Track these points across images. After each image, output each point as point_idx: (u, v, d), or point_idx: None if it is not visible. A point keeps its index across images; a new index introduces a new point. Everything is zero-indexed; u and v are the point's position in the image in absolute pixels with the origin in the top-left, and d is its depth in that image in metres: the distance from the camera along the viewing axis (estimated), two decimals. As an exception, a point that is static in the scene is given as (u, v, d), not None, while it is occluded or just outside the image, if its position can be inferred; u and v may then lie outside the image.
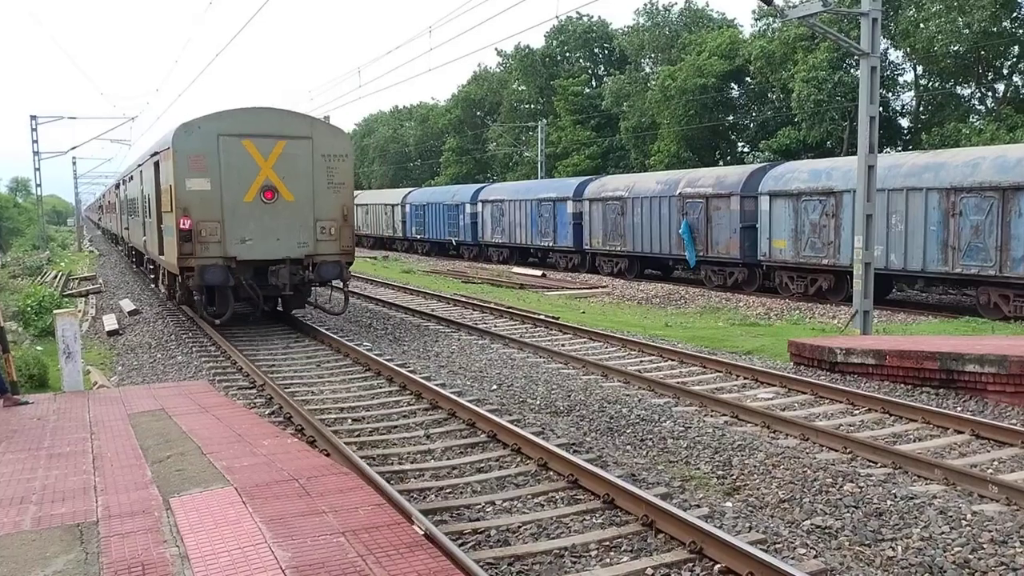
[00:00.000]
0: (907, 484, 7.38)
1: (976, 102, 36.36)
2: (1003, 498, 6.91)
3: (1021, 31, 32.09)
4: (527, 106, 57.58)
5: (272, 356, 14.17)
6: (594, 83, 52.77)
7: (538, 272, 31.69)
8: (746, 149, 43.62)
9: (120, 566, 4.09)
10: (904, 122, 39.40)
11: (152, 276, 22.32)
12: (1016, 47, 32.94)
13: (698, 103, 39.27)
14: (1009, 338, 13.22)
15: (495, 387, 11.55)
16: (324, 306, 17.43)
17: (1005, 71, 34.94)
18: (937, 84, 36.74)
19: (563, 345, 14.79)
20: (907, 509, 6.77)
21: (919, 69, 37.37)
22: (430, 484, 7.36)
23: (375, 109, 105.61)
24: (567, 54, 54.66)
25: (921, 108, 38.13)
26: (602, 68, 54.54)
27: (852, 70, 32.65)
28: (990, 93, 35.92)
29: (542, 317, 17.82)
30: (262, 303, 15.74)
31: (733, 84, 41.61)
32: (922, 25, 32.53)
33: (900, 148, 36.86)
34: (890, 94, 36.97)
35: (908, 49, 35.10)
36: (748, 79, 40.61)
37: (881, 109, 25.53)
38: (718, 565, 5.55)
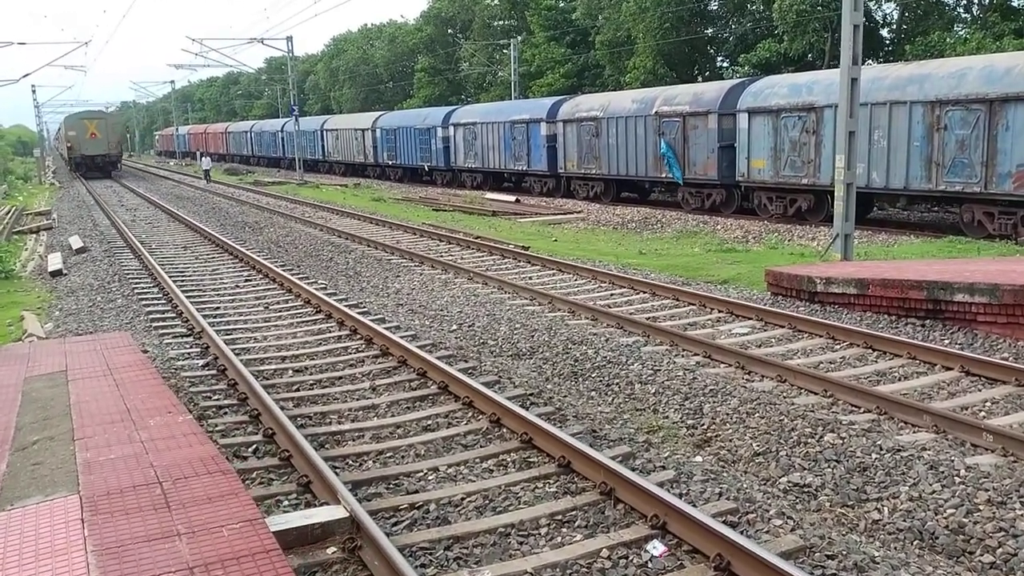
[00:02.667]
0: (893, 433, 6.74)
1: (961, 10, 35.05)
2: (999, 448, 6.28)
3: (1009, -68, 30.66)
4: (500, 23, 55.42)
5: (219, 297, 13.32)
6: (568, -4, 50.67)
7: (511, 198, 30.69)
8: (725, 64, 42.17)
9: None
10: (886, 33, 38.05)
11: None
12: (1003, -51, 31.52)
13: (675, 15, 37.66)
14: (998, 261, 12.56)
15: (455, 327, 10.79)
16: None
17: (991, -24, 33.56)
18: (921, -9, 35.32)
19: (530, 279, 14.01)
20: (894, 463, 6.12)
21: (903, -24, 35.89)
22: (369, 447, 6.64)
23: (344, 29, 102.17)
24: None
25: (904, 18, 36.77)
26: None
27: (835, -22, 31.23)
28: (975, 0, 34.60)
29: (511, 248, 16.99)
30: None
31: (712, -6, 40.01)
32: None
33: (881, 60, 35.66)
34: (871, 2, 35.55)
35: (892, -46, 33.59)
36: (727, -11, 38.99)
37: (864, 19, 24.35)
38: (684, 545, 4.88)
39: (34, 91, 77.87)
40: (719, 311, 10.94)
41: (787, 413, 7.13)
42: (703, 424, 7.14)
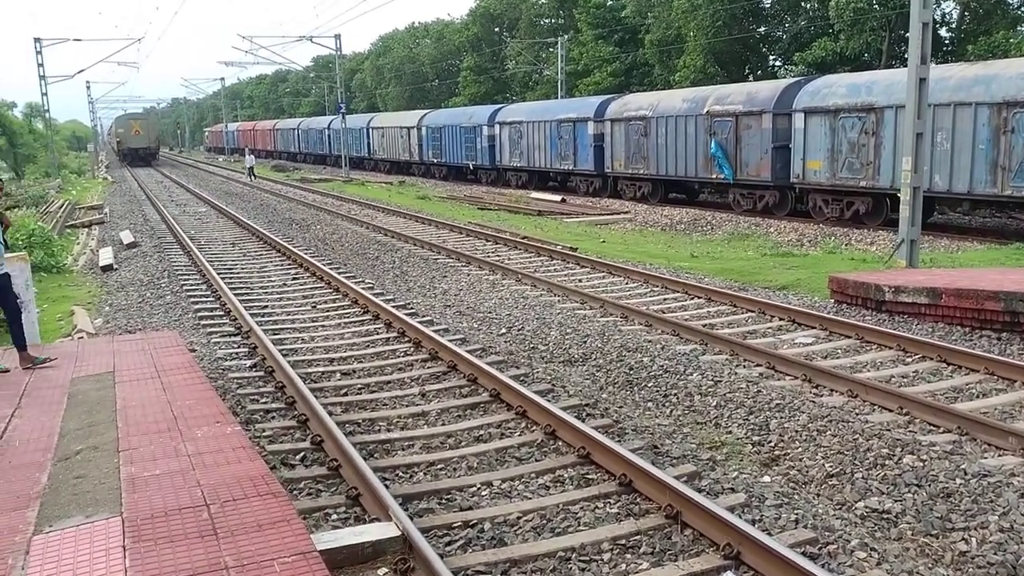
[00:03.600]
0: (977, 456, 6.28)
1: (1026, 9, 33.82)
2: (1097, 476, 5.79)
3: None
4: (547, 21, 55.02)
5: (267, 296, 13.21)
6: (617, -6, 50.10)
7: (557, 197, 30.33)
8: (778, 63, 41.27)
9: None
10: (945, 32, 36.88)
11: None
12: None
13: (727, 13, 36.93)
14: (1075, 270, 11.90)
15: (504, 331, 10.51)
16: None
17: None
18: (984, -11, 34.14)
19: (580, 281, 13.67)
20: (980, 490, 5.69)
21: (964, -26, 34.74)
22: (419, 458, 6.38)
23: (391, 28, 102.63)
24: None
25: (965, 17, 35.61)
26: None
27: (895, -25, 30.33)
28: (1042, -2, 33.37)
29: (559, 248, 16.66)
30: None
31: (765, -8, 39.19)
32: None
33: (941, 60, 34.56)
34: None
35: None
36: (781, -14, 38.16)
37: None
38: (759, 577, 4.53)
39: (88, 87, 79.65)
40: (780, 319, 10.50)
41: (861, 432, 6.71)
42: (770, 441, 6.76)
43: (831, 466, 6.29)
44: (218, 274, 14.43)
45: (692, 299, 11.98)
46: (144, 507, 4.16)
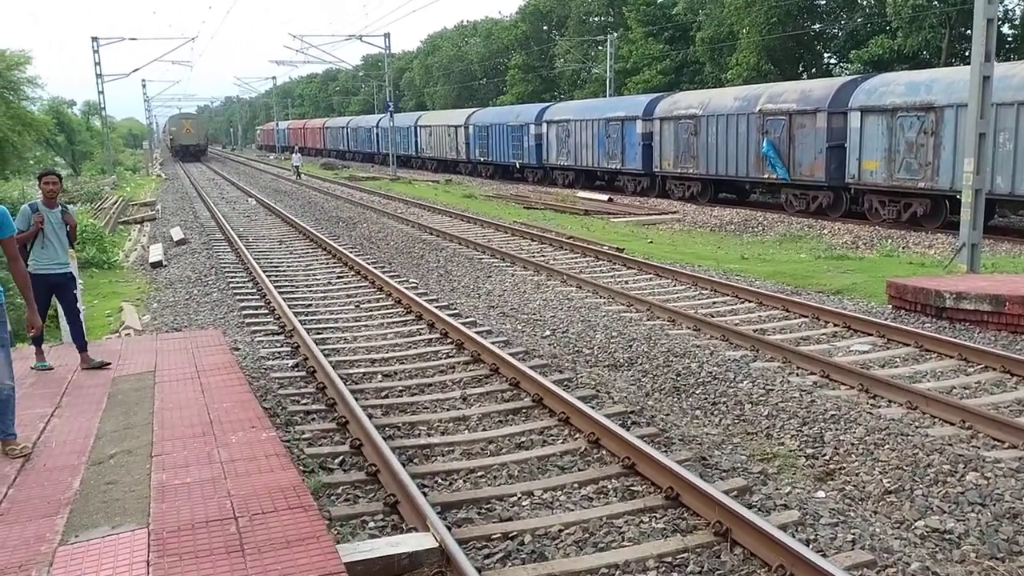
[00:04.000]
0: (1048, 475, 5.92)
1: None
2: None
3: None
4: (597, 19, 54.63)
5: (311, 294, 13.21)
6: (668, -9, 49.47)
7: (604, 197, 30.03)
8: (833, 61, 40.37)
9: None
10: (1007, 29, 35.67)
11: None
12: None
13: (782, 10, 36.20)
14: None
15: (548, 334, 10.32)
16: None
17: None
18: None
19: (626, 283, 13.42)
20: (1051, 512, 5.35)
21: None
22: (459, 465, 6.23)
23: (440, 27, 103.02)
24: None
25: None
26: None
27: (956, -31, 29.41)
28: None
29: (605, 249, 16.42)
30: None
31: (820, -12, 38.34)
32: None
33: (1003, 58, 33.42)
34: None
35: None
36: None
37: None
38: (813, 602, 4.29)
39: (144, 86, 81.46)
40: (835, 325, 10.14)
41: (921, 446, 6.39)
42: (824, 454, 6.47)
43: (889, 482, 5.99)
44: (264, 272, 14.49)
45: (742, 303, 11.66)
46: (171, 518, 4.06)
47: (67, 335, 7.67)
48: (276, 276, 14.67)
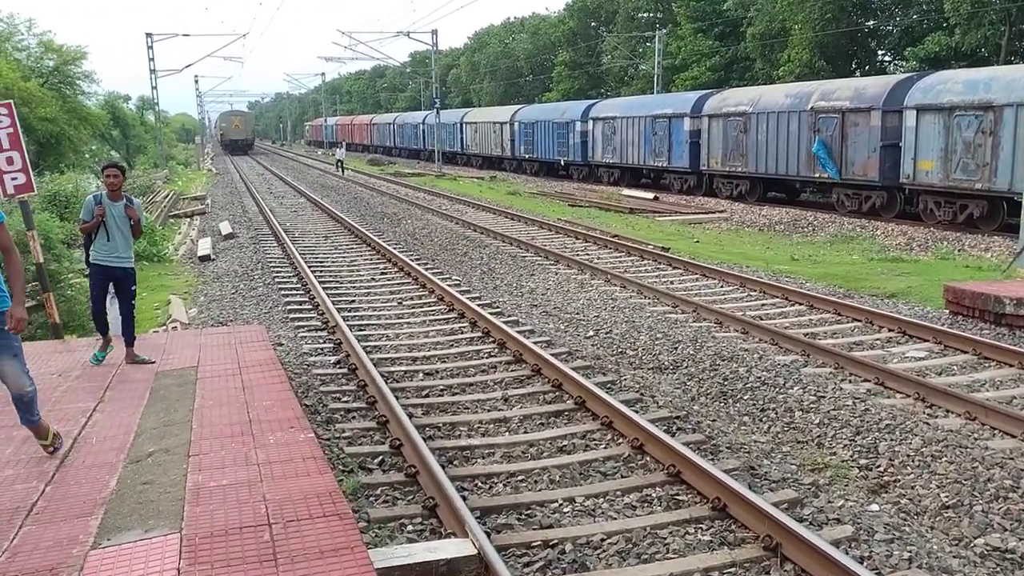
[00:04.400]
0: (1119, 495, 5.62)
1: None
2: None
3: None
4: (645, 15, 54.07)
5: (355, 290, 13.22)
6: (719, -14, 48.74)
7: (650, 195, 29.69)
8: (887, 58, 39.39)
9: None
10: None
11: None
12: None
13: (836, 6, 35.38)
14: None
15: (591, 334, 10.17)
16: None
17: None
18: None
19: (672, 283, 13.19)
20: (1124, 534, 5.06)
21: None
22: (499, 468, 6.11)
23: (487, 23, 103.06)
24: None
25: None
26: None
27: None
28: None
29: (650, 248, 16.18)
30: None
31: (875, -17, 37.40)
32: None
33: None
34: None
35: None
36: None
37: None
38: (868, 625, 4.09)
39: (196, 81, 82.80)
40: (889, 330, 9.81)
41: (981, 459, 6.12)
42: (879, 466, 6.23)
43: (947, 496, 5.74)
44: (309, 267, 14.55)
45: (792, 305, 11.37)
46: (205, 523, 3.99)
47: (117, 327, 7.70)
48: (320, 271, 14.72)
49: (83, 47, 38.45)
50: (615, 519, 5.28)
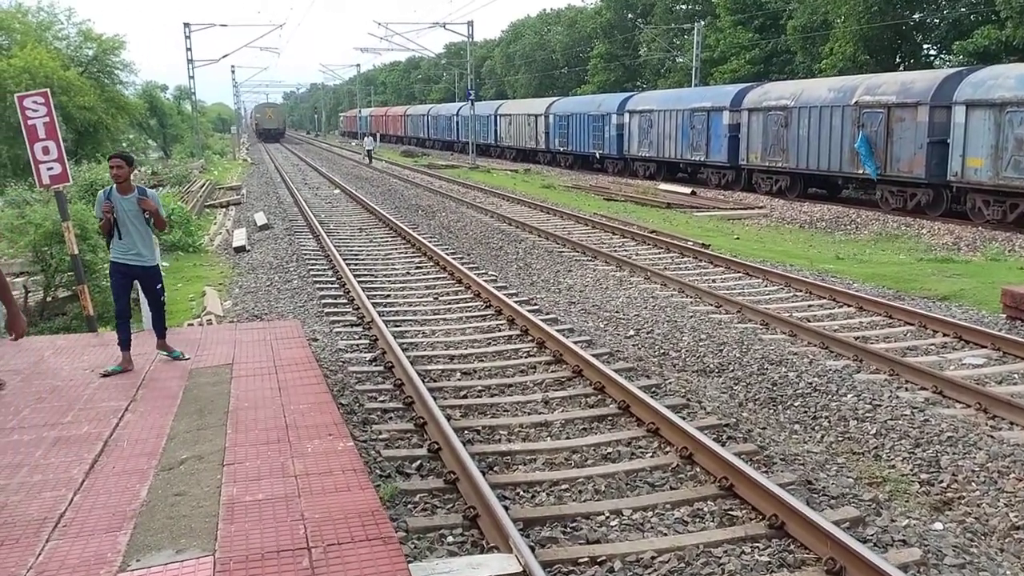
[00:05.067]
0: None
1: None
2: None
3: None
4: (683, 6, 53.35)
5: (390, 284, 13.04)
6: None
7: (687, 190, 29.23)
8: (933, 52, 38.43)
9: None
10: None
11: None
12: None
13: (880, -2, 34.55)
14: None
15: (632, 333, 9.89)
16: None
17: None
18: None
19: (714, 282, 12.85)
20: None
21: None
22: (541, 476, 5.88)
23: (523, 14, 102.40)
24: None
25: None
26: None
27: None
28: None
29: (690, 245, 15.83)
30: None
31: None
32: None
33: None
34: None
35: None
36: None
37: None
38: (945, 662, 3.80)
39: (233, 71, 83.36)
40: (944, 335, 9.42)
41: (1052, 477, 5.77)
42: (941, 481, 5.90)
43: (1017, 516, 5.41)
44: (344, 260, 14.41)
45: (841, 307, 10.99)
46: (240, 545, 3.76)
47: (148, 321, 7.56)
48: (355, 264, 14.57)
49: (121, 36, 38.70)
50: (665, 535, 5.02)
